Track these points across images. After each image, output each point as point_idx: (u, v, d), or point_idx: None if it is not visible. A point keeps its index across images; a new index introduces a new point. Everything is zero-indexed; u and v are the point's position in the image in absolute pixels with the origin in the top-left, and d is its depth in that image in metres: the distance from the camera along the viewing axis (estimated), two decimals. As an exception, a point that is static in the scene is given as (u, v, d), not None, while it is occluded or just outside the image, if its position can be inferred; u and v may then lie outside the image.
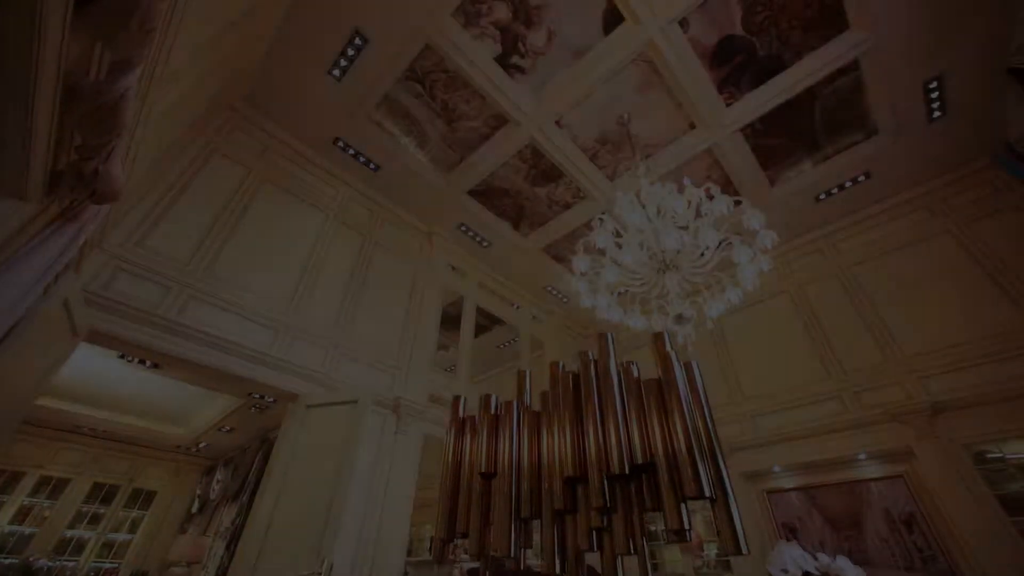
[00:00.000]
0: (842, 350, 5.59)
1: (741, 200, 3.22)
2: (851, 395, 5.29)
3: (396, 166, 5.77)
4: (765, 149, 5.55)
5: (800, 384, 5.75)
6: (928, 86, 4.72)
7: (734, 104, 5.04)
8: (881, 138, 5.31)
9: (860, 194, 5.91)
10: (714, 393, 6.43)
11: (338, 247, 5.33)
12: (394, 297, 5.66)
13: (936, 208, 5.59)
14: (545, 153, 5.58)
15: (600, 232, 3.57)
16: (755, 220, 3.15)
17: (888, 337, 5.31)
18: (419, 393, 5.26)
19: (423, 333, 5.73)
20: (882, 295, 5.59)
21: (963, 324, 4.88)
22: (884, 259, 5.77)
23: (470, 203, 6.36)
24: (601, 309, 3.84)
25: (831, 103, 5.04)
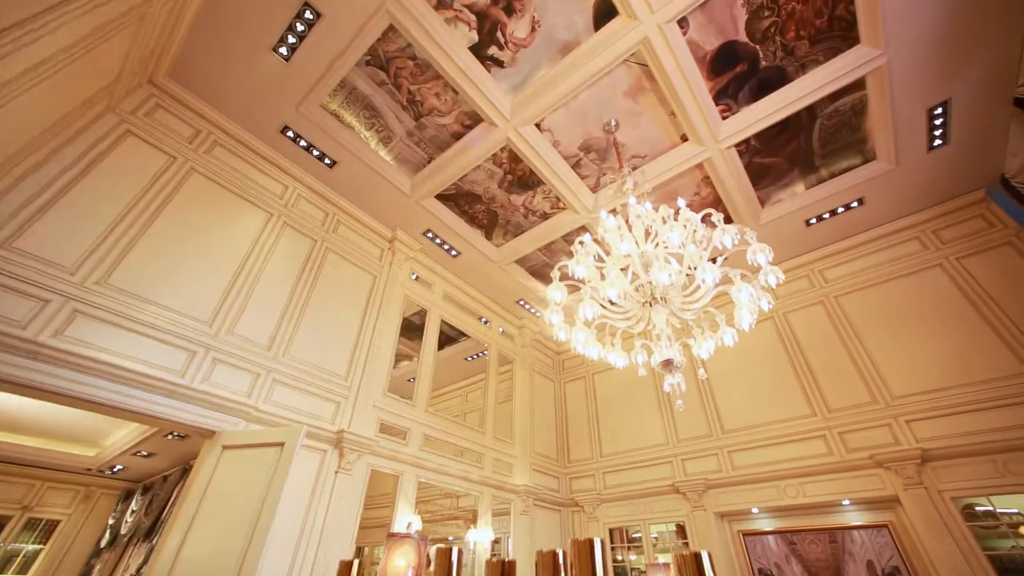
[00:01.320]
0: (828, 386, 5.28)
1: (744, 231, 2.76)
2: (836, 436, 4.97)
3: (356, 163, 5.11)
4: (759, 168, 5.17)
5: (783, 419, 5.42)
6: (932, 112, 4.42)
7: (730, 118, 4.62)
8: (878, 164, 5.01)
9: (852, 221, 5.63)
10: (692, 424, 6.06)
11: (281, 253, 4.62)
12: (346, 311, 5.00)
13: (927, 240, 5.35)
14: (523, 158, 5.03)
15: (580, 258, 3.05)
16: (761, 255, 2.70)
17: (876, 375, 5.02)
18: (368, 423, 4.63)
19: (378, 353, 5.09)
20: (870, 329, 5.30)
21: (954, 366, 4.62)
22: (873, 291, 5.50)
23: (438, 208, 5.75)
24: (577, 344, 3.32)
25: (831, 124, 4.70)
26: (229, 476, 3.20)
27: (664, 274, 2.70)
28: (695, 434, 6.01)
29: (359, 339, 4.98)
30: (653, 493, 5.99)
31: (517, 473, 6.22)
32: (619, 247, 2.92)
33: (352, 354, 4.83)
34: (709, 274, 2.64)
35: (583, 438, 7.23)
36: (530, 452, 6.61)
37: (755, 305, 2.92)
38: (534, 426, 6.96)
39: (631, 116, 4.69)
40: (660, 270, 2.74)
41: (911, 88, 4.21)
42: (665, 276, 2.65)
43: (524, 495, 6.00)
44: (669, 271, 2.73)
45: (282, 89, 4.39)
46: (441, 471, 5.14)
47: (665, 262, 2.91)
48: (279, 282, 4.47)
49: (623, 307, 3.16)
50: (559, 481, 6.93)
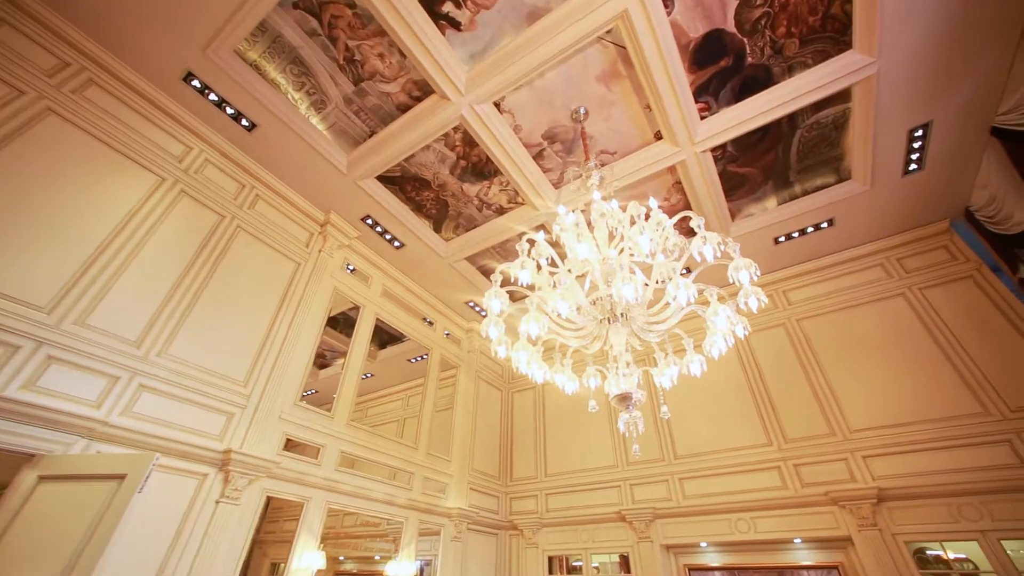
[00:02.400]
0: (786, 414, 5.00)
1: (728, 241, 2.28)
2: (791, 468, 4.69)
3: (280, 129, 4.30)
4: (733, 177, 4.81)
5: (738, 447, 5.10)
6: (913, 134, 4.18)
7: (709, 118, 4.20)
8: (853, 184, 4.76)
9: (820, 242, 5.40)
10: (644, 446, 5.65)
11: (173, 226, 3.76)
12: (255, 302, 4.19)
13: (891, 268, 5.19)
14: (479, 141, 4.40)
15: (525, 260, 2.47)
16: (744, 273, 2.21)
17: (835, 405, 4.78)
18: (269, 440, 3.85)
19: (292, 354, 4.31)
20: (831, 356, 5.08)
21: (914, 401, 4.43)
22: (836, 316, 5.29)
23: (380, 191, 5.02)
24: (520, 364, 2.74)
25: (811, 136, 4.38)
26: (43, 519, 2.38)
27: (629, 287, 2.16)
28: (646, 458, 5.62)
29: (270, 336, 4.18)
30: (598, 520, 5.54)
31: (452, 494, 5.59)
32: (576, 250, 2.35)
33: (258, 355, 4.03)
34: (682, 292, 2.12)
35: (528, 455, 6.70)
36: (468, 470, 6.00)
37: (731, 331, 2.45)
38: (476, 440, 6.36)
39: (602, 105, 4.17)
40: (624, 282, 2.19)
41: (897, 105, 3.94)
42: (630, 290, 2.11)
43: (458, 519, 5.38)
44: (635, 284, 2.19)
45: (184, 23, 3.54)
46: (360, 495, 4.43)
47: (630, 273, 2.37)
48: (165, 262, 3.61)
49: (576, 323, 2.61)
50: (499, 501, 6.36)
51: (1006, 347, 4.26)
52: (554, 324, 2.65)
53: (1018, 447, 3.88)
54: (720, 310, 2.32)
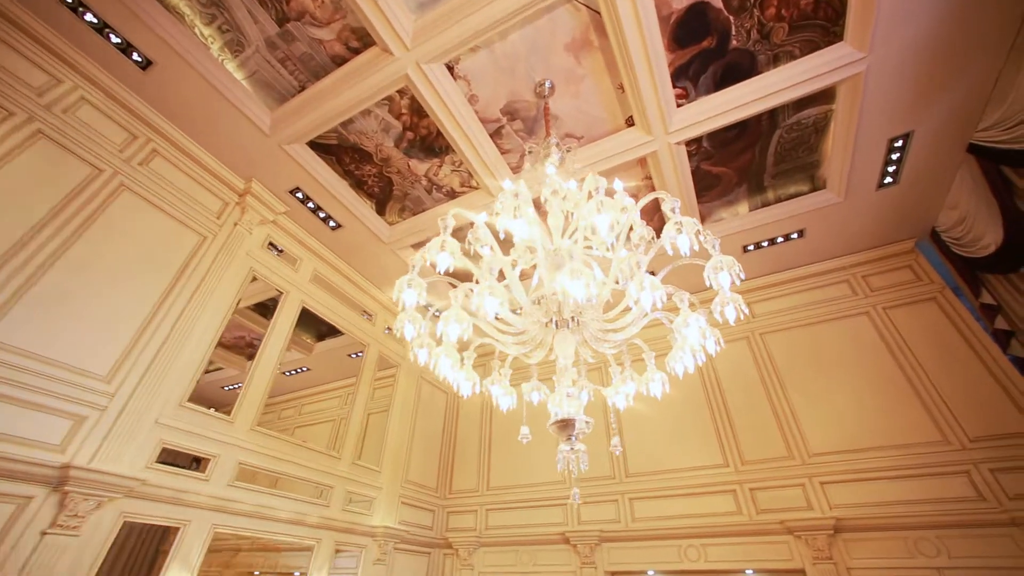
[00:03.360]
0: (744, 433, 4.70)
1: (708, 235, 1.82)
2: (747, 492, 4.38)
3: (184, 71, 3.53)
4: (706, 177, 4.44)
5: (693, 467, 4.75)
6: (893, 143, 3.94)
7: (687, 105, 3.79)
8: (826, 194, 4.51)
9: (788, 253, 5.15)
10: (594, 462, 5.22)
11: (20, 172, 2.94)
12: (137, 277, 3.41)
13: (857, 285, 5.00)
14: (428, 110, 3.81)
15: (447, 242, 1.92)
16: (724, 275, 1.75)
17: (795, 426, 4.51)
18: (138, 450, 3.10)
19: (184, 343, 3.56)
20: (793, 374, 4.82)
21: (874, 425, 4.21)
22: (799, 332, 5.05)
23: (312, 161, 4.32)
24: (443, 371, 2.19)
25: (790, 138, 4.07)
26: None
27: (578, 284, 1.65)
28: (596, 474, 5.19)
29: (154, 320, 3.42)
30: (540, 541, 5.06)
31: (379, 509, 4.96)
32: (516, 231, 1.81)
33: (133, 343, 3.27)
34: (647, 294, 1.63)
35: (471, 465, 6.14)
36: (401, 481, 5.38)
37: (702, 346, 1.99)
38: (413, 448, 5.74)
39: (571, 80, 3.68)
40: (573, 276, 1.68)
41: (881, 110, 3.67)
42: (579, 287, 1.60)
43: (384, 538, 4.75)
44: (586, 280, 1.68)
45: (44, -86, 2.75)
46: (260, 514, 3.73)
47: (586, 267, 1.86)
48: (8, 212, 2.80)
49: (514, 325, 2.08)
50: (434, 516, 5.77)
51: (967, 373, 4.10)
52: (487, 326, 2.11)
53: (976, 479, 3.70)
54: (691, 320, 1.85)
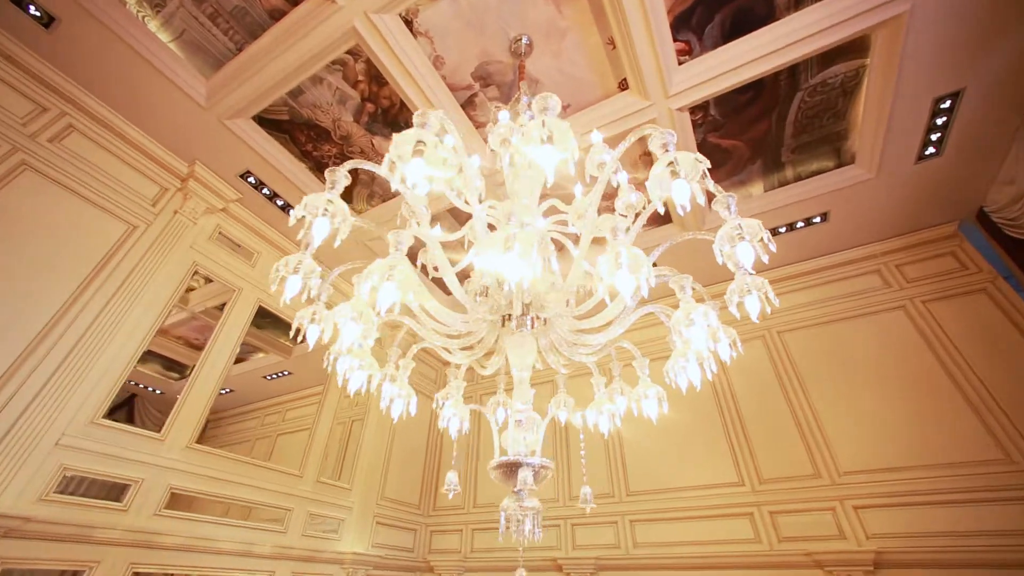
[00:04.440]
0: (762, 447, 4.08)
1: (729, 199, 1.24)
2: (766, 516, 3.77)
3: (94, 28, 3.01)
4: (713, 151, 3.84)
5: (703, 485, 4.15)
6: (939, 104, 3.31)
7: (689, 62, 3.20)
8: (855, 170, 3.89)
9: (809, 240, 4.52)
10: (591, 478, 4.64)
11: None
12: (41, 271, 2.90)
13: (890, 276, 4.36)
14: (384, 74, 3.26)
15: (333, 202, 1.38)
16: (745, 249, 1.18)
17: (821, 439, 3.89)
18: (28, 479, 2.58)
19: (103, 349, 3.04)
20: (817, 378, 4.20)
21: (915, 438, 3.58)
22: (823, 330, 4.42)
23: (261, 139, 3.79)
24: (352, 380, 1.64)
25: (813, 103, 3.46)
26: None
27: (527, 262, 1.08)
28: (593, 492, 4.60)
29: (59, 323, 2.90)
30: (530, 567, 4.49)
31: (349, 532, 4.42)
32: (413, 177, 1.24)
33: (31, 350, 2.75)
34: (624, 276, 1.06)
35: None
36: (376, 500, 4.83)
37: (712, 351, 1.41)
38: (391, 461, 5.20)
39: (552, 35, 3.10)
40: (525, 252, 1.10)
41: (926, 62, 3.05)
42: (521, 263, 1.03)
43: (353, 566, 4.21)
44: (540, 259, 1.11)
45: None
46: (196, 547, 3.20)
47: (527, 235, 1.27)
48: None
49: (452, 325, 1.52)
50: (416, 536, 5.22)
51: (1029, 378, 3.46)
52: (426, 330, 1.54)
53: (1046, 506, 3.06)
54: (696, 314, 1.27)
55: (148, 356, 4.19)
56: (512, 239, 1.04)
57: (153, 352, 5.19)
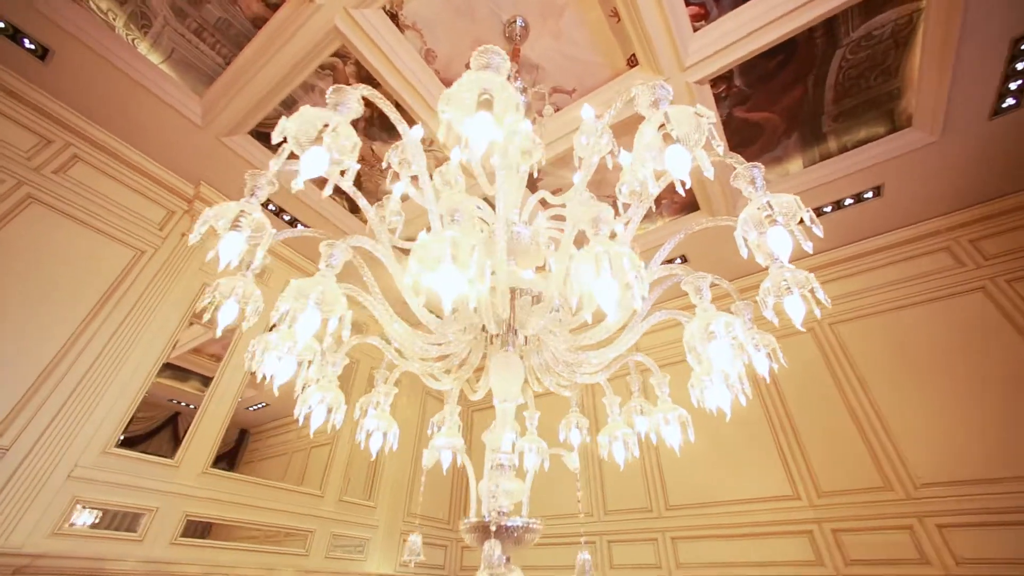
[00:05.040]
0: (819, 456, 3.62)
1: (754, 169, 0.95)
2: (828, 535, 3.32)
3: (88, 57, 3.00)
4: (741, 127, 3.43)
5: (752, 499, 3.73)
6: (1018, 46, 2.78)
7: (705, 27, 2.84)
8: (912, 134, 3.37)
9: (861, 218, 4.00)
10: (626, 490, 4.30)
11: None
12: (48, 304, 2.90)
13: (963, 253, 3.78)
14: (373, 74, 3.08)
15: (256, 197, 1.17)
16: (780, 235, 0.87)
17: (888, 445, 3.39)
18: (40, 513, 2.56)
19: (113, 377, 3.02)
20: (879, 375, 3.69)
21: (1010, 444, 3.04)
22: (883, 319, 3.89)
23: (260, 155, 3.72)
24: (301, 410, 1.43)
25: (856, 60, 3.00)
26: None
27: (464, 273, 0.83)
28: (629, 505, 4.27)
29: (71, 353, 2.90)
30: (565, 589, 4.21)
31: (375, 552, 4.29)
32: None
33: (40, 381, 2.74)
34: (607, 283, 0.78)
35: (487, 491, 5.36)
36: (403, 516, 4.69)
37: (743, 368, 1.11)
38: (416, 475, 5.04)
39: (548, 14, 2.83)
40: (462, 260, 0.85)
41: None
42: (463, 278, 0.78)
43: (380, 587, 4.07)
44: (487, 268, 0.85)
45: None
46: (215, 574, 3.13)
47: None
48: None
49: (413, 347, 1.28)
50: (446, 552, 5.04)
51: None
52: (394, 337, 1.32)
53: None
54: (717, 326, 0.97)
55: (186, 374, 4.23)
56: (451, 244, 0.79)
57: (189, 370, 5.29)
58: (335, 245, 1.28)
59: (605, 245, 0.81)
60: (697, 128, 0.80)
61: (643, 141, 0.85)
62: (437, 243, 0.79)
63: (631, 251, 0.81)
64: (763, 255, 0.95)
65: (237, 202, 1.14)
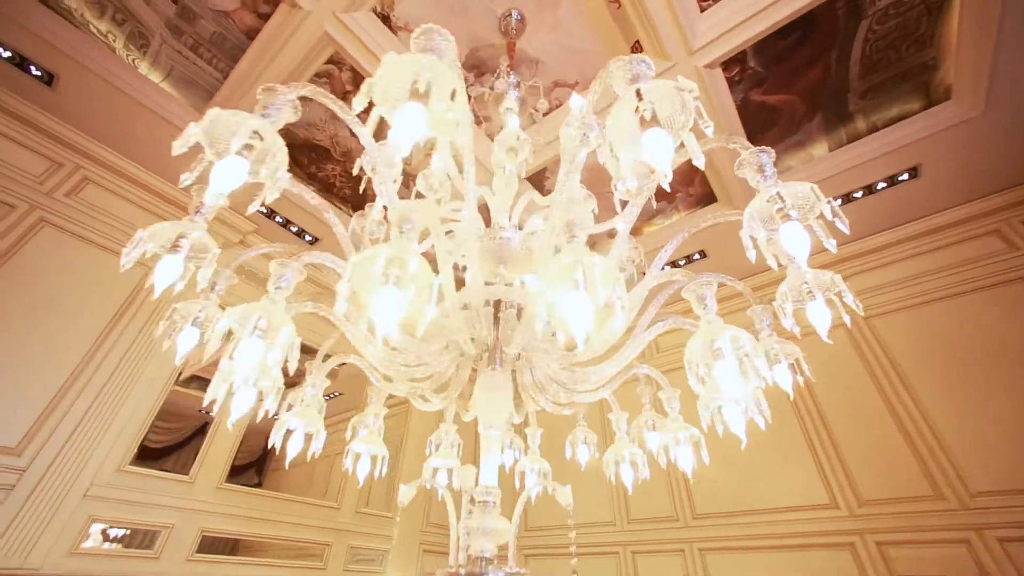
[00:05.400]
0: (858, 461, 3.35)
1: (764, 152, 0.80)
2: (872, 549, 3.06)
3: (91, 80, 3.04)
4: (758, 112, 3.21)
5: (786, 507, 3.49)
6: (1072, 2, 2.49)
7: (712, 7, 2.65)
8: (951, 109, 3.08)
9: (896, 202, 3.70)
10: (649, 497, 4.11)
11: (-95, 223, 2.56)
12: (61, 323, 2.95)
13: (1015, 235, 3.44)
14: (364, 74, 3.01)
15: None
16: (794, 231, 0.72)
17: (936, 449, 3.11)
18: (59, 532, 2.58)
19: (127, 393, 3.05)
20: (923, 373, 3.39)
21: (1078, 446, 2.72)
22: (925, 312, 3.58)
23: (264, 166, 3.70)
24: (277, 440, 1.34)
25: (884, 31, 2.75)
26: None
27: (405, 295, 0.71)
28: (652, 514, 4.08)
29: (86, 371, 2.94)
30: (589, 603, 4.05)
31: (393, 563, 4.23)
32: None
33: (57, 400, 2.78)
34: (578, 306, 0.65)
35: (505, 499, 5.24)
36: (420, 526, 4.63)
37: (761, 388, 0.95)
38: (435, 485, 4.96)
39: (545, 6, 2.70)
40: (401, 281, 0.73)
41: (1047, -54, 2.27)
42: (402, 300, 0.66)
43: (398, 601, 4.01)
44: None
45: None
46: (231, 591, 3.13)
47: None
48: None
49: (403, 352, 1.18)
50: (468, 563, 4.94)
51: None
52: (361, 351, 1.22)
53: None
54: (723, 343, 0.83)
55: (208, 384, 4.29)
56: (389, 261, 0.68)
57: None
58: (287, 265, 1.18)
59: (577, 254, 0.67)
60: (682, 108, 0.66)
61: (615, 125, 0.71)
62: (370, 262, 0.68)
63: (607, 261, 0.67)
64: (774, 256, 0.80)
65: (175, 222, 1.06)
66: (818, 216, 0.75)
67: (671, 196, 3.93)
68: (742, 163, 0.84)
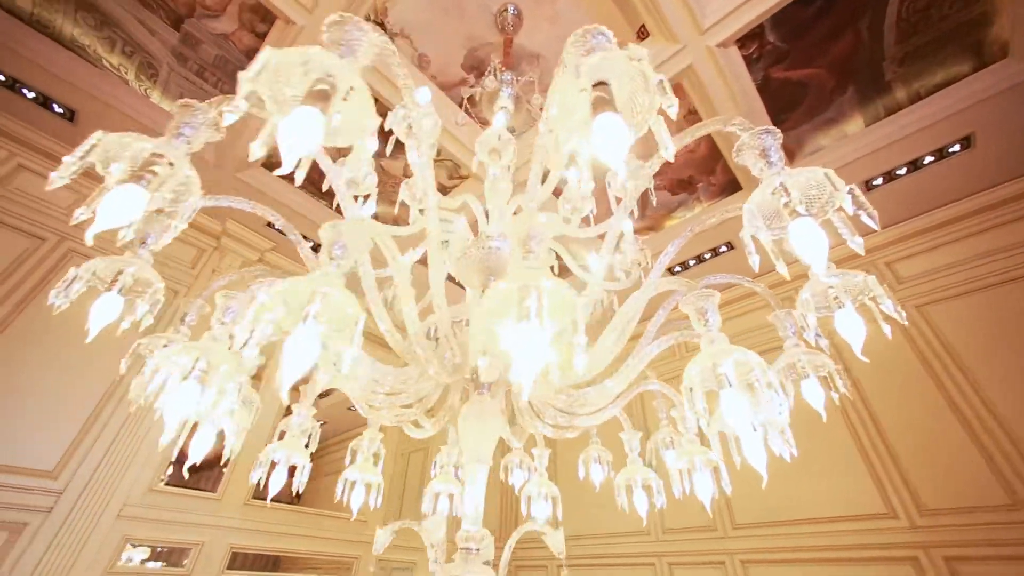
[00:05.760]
0: (918, 465, 3.04)
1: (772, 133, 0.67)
2: (940, 564, 2.75)
3: (108, 112, 3.15)
4: (782, 90, 2.97)
5: (837, 517, 3.21)
6: None
7: (725, -21, 2.45)
8: (1009, 68, 2.74)
9: (945, 178, 3.35)
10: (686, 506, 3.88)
11: (-55, 261, 2.70)
12: (94, 349, 3.05)
13: (1092, 206, 3.04)
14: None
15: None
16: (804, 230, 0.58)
17: (1014, 453, 2.77)
18: (94, 553, 2.66)
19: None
20: (988, 364, 3.04)
21: None
22: (986, 297, 3.22)
23: (276, 185, 3.75)
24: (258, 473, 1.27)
25: (922, -13, 2.47)
26: None
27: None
28: (690, 523, 3.86)
29: (113, 396, 3.03)
30: (625, 617, 3.87)
31: (423, 574, 4.19)
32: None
33: (90, 424, 2.88)
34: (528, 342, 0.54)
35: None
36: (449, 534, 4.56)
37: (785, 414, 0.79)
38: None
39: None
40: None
41: None
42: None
43: (430, 613, 3.96)
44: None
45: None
46: (262, 607, 3.15)
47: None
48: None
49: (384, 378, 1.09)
50: (498, 571, 4.85)
51: None
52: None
53: None
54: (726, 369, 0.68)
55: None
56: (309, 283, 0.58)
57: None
58: (233, 297, 1.11)
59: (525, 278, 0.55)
60: (645, 86, 0.53)
61: (561, 113, 0.59)
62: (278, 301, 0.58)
63: (561, 287, 0.55)
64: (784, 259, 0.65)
65: (114, 258, 1.00)
66: (837, 209, 0.61)
67: (692, 187, 3.71)
68: (741, 148, 0.70)
